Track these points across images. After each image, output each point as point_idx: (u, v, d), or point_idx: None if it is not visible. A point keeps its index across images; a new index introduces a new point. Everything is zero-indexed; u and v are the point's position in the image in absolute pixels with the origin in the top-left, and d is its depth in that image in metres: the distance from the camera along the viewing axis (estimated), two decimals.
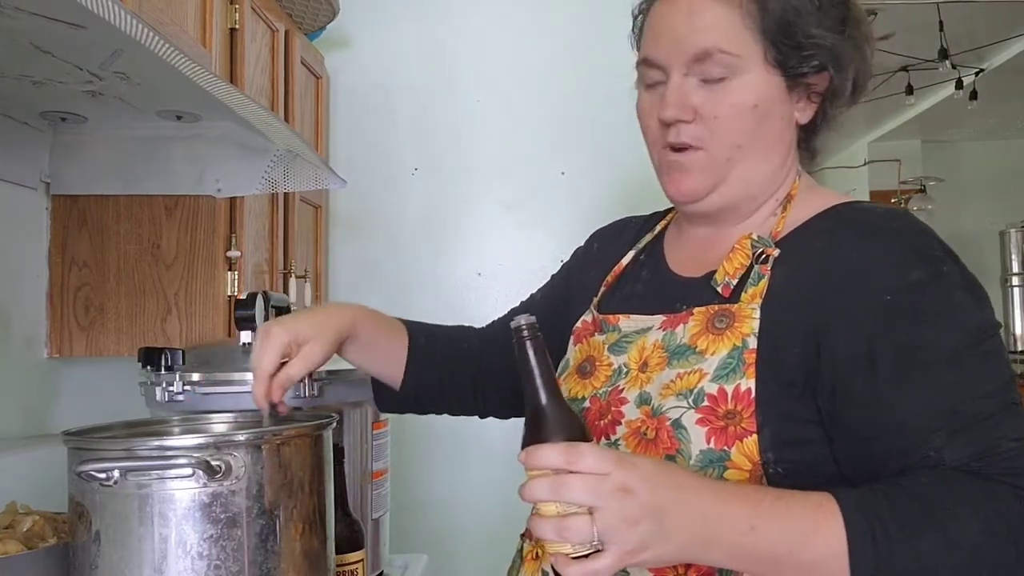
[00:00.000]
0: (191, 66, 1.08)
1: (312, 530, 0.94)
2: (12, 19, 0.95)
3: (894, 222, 0.82)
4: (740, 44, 0.83)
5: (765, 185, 0.89)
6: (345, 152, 2.37)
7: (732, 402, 0.78)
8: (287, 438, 0.92)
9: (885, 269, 0.78)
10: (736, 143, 0.85)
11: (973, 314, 0.77)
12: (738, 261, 0.85)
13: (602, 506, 0.66)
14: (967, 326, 0.76)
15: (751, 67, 0.84)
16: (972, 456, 0.72)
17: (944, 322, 0.76)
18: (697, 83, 0.85)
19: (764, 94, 0.84)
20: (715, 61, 0.83)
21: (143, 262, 1.55)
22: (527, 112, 2.36)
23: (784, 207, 0.89)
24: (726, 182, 0.87)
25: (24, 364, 1.48)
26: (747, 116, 0.85)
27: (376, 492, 1.35)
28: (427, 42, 2.39)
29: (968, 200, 6.31)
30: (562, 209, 2.36)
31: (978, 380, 0.75)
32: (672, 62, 0.86)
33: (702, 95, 0.85)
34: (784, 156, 0.90)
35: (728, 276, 0.85)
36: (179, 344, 1.53)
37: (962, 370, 0.75)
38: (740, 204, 0.90)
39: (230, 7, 1.58)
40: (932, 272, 0.77)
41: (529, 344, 0.74)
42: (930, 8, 3.75)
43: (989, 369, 0.76)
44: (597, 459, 0.67)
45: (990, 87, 4.62)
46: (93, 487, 0.85)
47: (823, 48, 0.84)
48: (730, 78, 0.84)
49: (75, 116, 1.39)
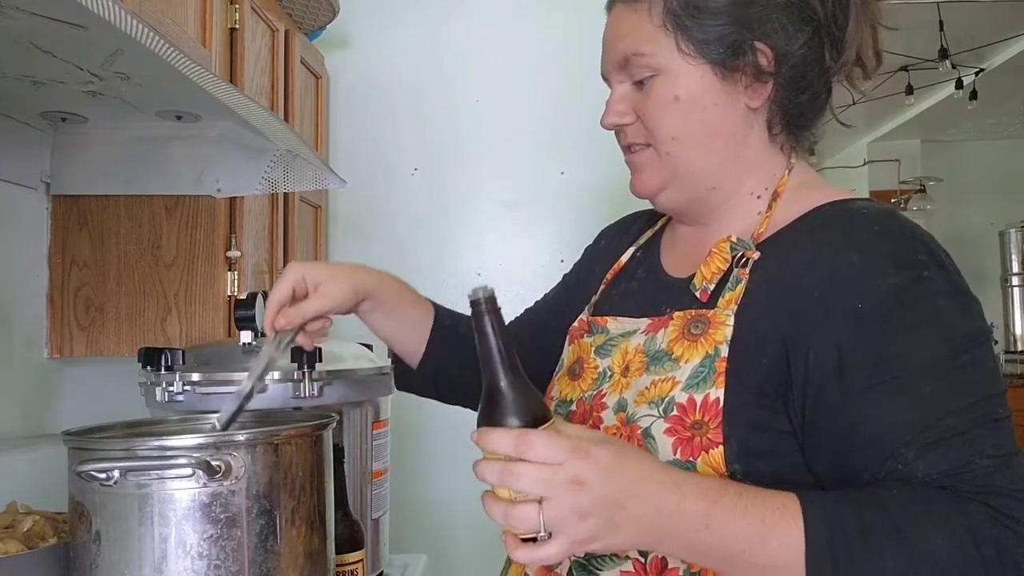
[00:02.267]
0: (191, 66, 1.08)
1: (312, 530, 0.94)
2: (12, 19, 0.95)
3: (877, 224, 0.78)
4: (652, 43, 0.85)
5: (721, 176, 0.87)
6: (345, 152, 2.37)
7: (700, 412, 0.76)
8: (287, 438, 0.92)
9: (860, 275, 0.75)
10: (670, 136, 0.86)
11: (956, 322, 0.74)
12: (715, 265, 0.84)
13: (551, 497, 0.64)
14: (948, 334, 0.73)
15: (669, 62, 0.84)
16: (945, 472, 0.69)
17: (921, 330, 0.73)
18: (631, 87, 0.88)
19: (687, 85, 0.84)
20: (635, 64, 0.86)
21: (143, 262, 1.55)
22: (527, 112, 2.36)
23: (770, 205, 0.87)
24: (676, 176, 0.88)
25: (24, 364, 1.48)
26: (671, 109, 0.85)
27: (376, 492, 1.35)
28: (427, 42, 2.39)
29: (968, 200, 6.31)
30: (562, 209, 2.36)
31: (955, 392, 0.71)
32: (607, 72, 0.91)
33: (635, 97, 0.88)
34: (734, 144, 0.86)
35: (705, 280, 0.84)
36: (179, 344, 1.53)
37: (939, 381, 0.71)
38: (703, 196, 0.88)
39: (230, 7, 1.58)
40: (912, 277, 0.74)
41: (487, 318, 0.70)
42: (930, 8, 3.75)
43: (969, 380, 0.72)
44: (549, 448, 0.64)
45: (990, 87, 4.62)
46: (93, 487, 0.85)
47: (732, 28, 0.82)
48: (655, 76, 0.85)
49: (75, 116, 1.39)
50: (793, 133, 0.88)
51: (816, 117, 0.89)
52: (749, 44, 0.83)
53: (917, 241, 0.77)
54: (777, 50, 0.83)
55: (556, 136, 2.35)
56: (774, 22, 0.83)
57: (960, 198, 6.27)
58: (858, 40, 0.86)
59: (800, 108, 0.87)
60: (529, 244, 2.37)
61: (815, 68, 0.85)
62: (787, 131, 0.88)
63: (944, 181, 5.95)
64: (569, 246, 2.36)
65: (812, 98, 0.87)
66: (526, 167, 2.36)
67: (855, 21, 0.85)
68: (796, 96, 0.85)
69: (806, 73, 0.85)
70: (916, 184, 5.91)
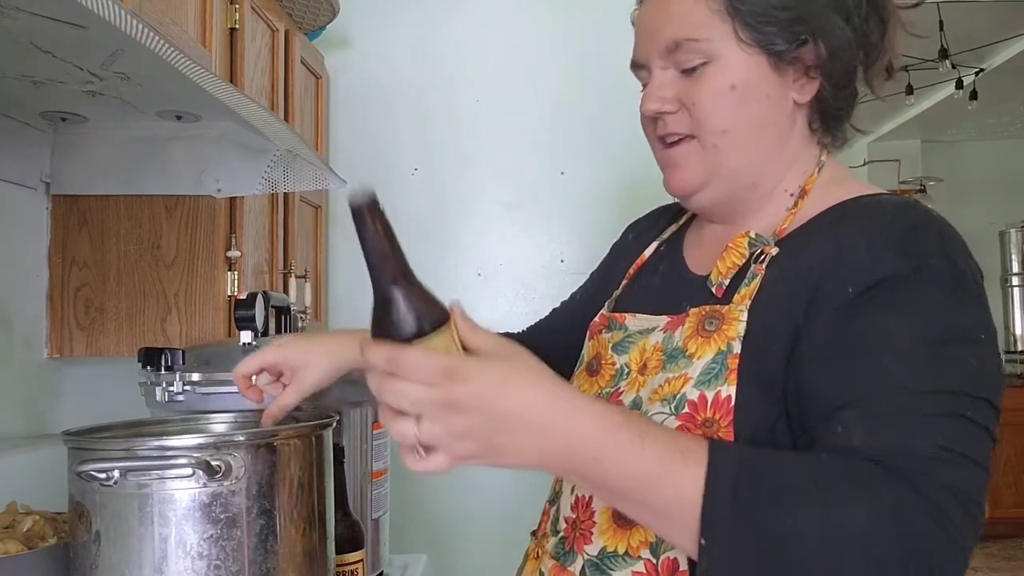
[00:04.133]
0: (191, 66, 1.08)
1: (312, 530, 0.94)
2: (12, 19, 0.95)
3: (891, 215, 0.77)
4: (708, 28, 0.82)
5: (763, 172, 0.86)
6: (345, 152, 2.37)
7: (711, 410, 0.75)
8: (287, 438, 0.92)
9: (859, 262, 0.73)
10: (720, 128, 0.83)
11: (947, 314, 0.70)
12: (731, 260, 0.83)
13: (425, 417, 0.61)
14: (933, 323, 0.69)
15: (724, 49, 0.82)
16: (884, 446, 0.65)
17: (904, 314, 0.70)
18: (676, 74, 0.85)
19: (742, 74, 0.82)
20: (686, 49, 0.83)
21: (143, 262, 1.55)
22: (526, 112, 2.36)
23: (796, 202, 0.85)
24: (719, 172, 0.85)
25: (24, 364, 1.48)
26: (726, 98, 0.82)
27: (376, 492, 1.35)
28: (427, 42, 2.39)
29: (968, 200, 6.30)
30: (562, 209, 2.36)
31: (921, 376, 0.67)
32: (649, 58, 0.86)
33: (682, 84, 0.84)
34: (779, 139, 0.85)
35: (721, 276, 0.83)
36: (179, 344, 1.53)
37: (905, 362, 0.68)
38: (741, 195, 0.87)
39: (230, 7, 1.58)
40: (913, 267, 0.71)
41: (369, 222, 0.65)
42: (930, 8, 3.75)
43: (943, 371, 0.67)
44: (419, 371, 0.60)
45: (990, 87, 4.62)
46: (93, 487, 0.85)
47: (794, 18, 0.81)
48: (707, 63, 0.83)
49: (75, 116, 1.39)
50: (829, 130, 0.88)
51: (849, 115, 0.89)
52: (806, 38, 0.82)
53: (930, 233, 0.75)
54: (830, 46, 0.82)
55: (556, 136, 2.35)
56: (829, 18, 0.82)
57: (960, 198, 6.27)
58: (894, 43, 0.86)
59: (840, 105, 0.86)
60: (529, 244, 2.37)
61: (856, 67, 0.85)
62: (824, 128, 0.88)
63: (944, 181, 5.95)
64: (569, 246, 2.36)
65: (851, 96, 0.87)
66: (526, 167, 2.36)
67: (893, 23, 0.85)
68: (838, 93, 0.85)
69: (850, 71, 0.85)
70: (916, 184, 5.91)
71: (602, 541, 0.80)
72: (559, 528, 0.87)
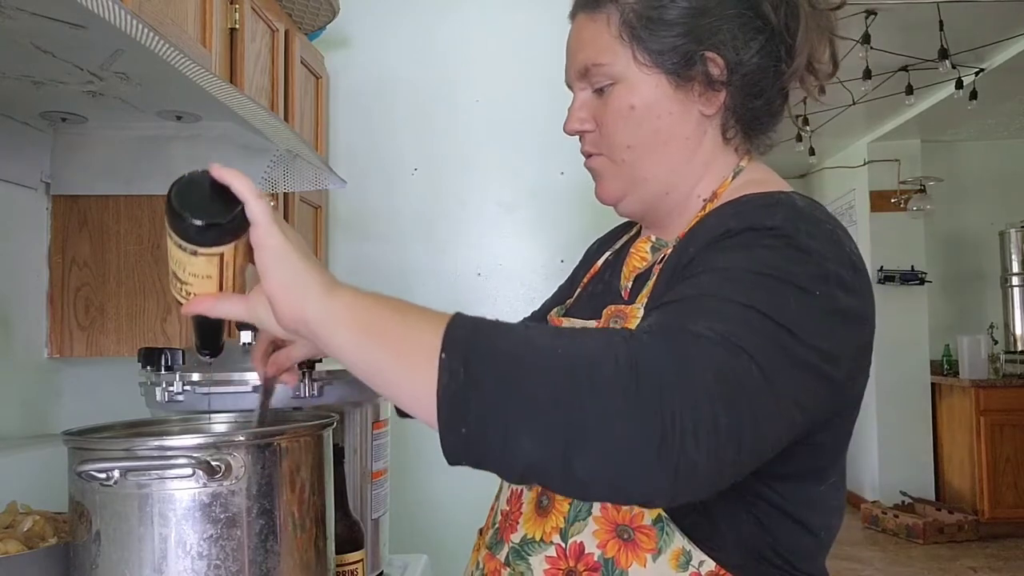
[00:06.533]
0: (191, 66, 1.08)
1: (312, 530, 0.94)
2: (12, 19, 0.95)
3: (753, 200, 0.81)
4: (610, 53, 0.88)
5: (673, 182, 0.89)
6: (345, 152, 2.37)
7: None
8: (287, 438, 0.92)
9: (707, 231, 0.78)
10: (624, 144, 0.89)
11: (775, 259, 0.71)
12: (632, 264, 0.91)
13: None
14: (760, 260, 0.71)
15: (626, 71, 0.87)
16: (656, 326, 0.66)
17: (734, 253, 0.73)
18: (591, 95, 0.91)
19: (643, 94, 0.87)
20: (594, 73, 0.89)
21: (143, 262, 1.55)
22: (527, 112, 2.36)
23: (706, 206, 0.89)
24: (634, 182, 0.90)
25: (24, 364, 1.48)
26: (627, 118, 0.88)
27: (376, 492, 1.35)
28: (427, 42, 2.39)
29: (968, 200, 6.31)
30: (562, 209, 2.36)
31: (734, 290, 0.68)
32: (570, 80, 0.94)
33: (595, 104, 0.91)
34: (687, 150, 0.88)
35: (625, 279, 0.90)
36: (179, 344, 1.53)
37: (723, 278, 0.70)
38: (657, 203, 0.91)
39: (230, 7, 1.58)
40: (747, 226, 0.75)
41: None
42: (930, 8, 3.75)
43: (758, 295, 0.68)
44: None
45: (990, 87, 4.61)
46: (93, 487, 0.85)
47: (686, 40, 0.85)
48: (613, 84, 0.88)
49: (75, 116, 1.39)
50: (748, 136, 0.91)
51: (772, 121, 0.92)
52: (701, 55, 0.85)
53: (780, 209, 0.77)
54: (728, 60, 0.86)
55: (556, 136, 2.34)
56: (725, 33, 0.85)
57: (960, 198, 6.28)
58: (808, 48, 0.88)
59: (754, 113, 0.89)
60: (529, 244, 2.37)
61: (769, 75, 0.87)
62: (742, 135, 0.91)
63: (944, 181, 5.94)
64: (569, 246, 2.36)
65: (766, 103, 0.89)
66: (526, 167, 2.36)
67: (805, 29, 0.87)
68: (750, 102, 0.88)
69: (759, 80, 0.87)
70: (916, 184, 5.91)
71: (524, 529, 0.86)
72: (495, 521, 0.92)
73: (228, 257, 0.71)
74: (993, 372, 5.63)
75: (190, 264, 0.71)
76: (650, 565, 0.77)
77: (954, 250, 6.30)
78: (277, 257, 0.70)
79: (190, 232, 0.69)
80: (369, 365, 0.68)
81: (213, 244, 0.70)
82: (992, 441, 5.36)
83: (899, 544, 5.24)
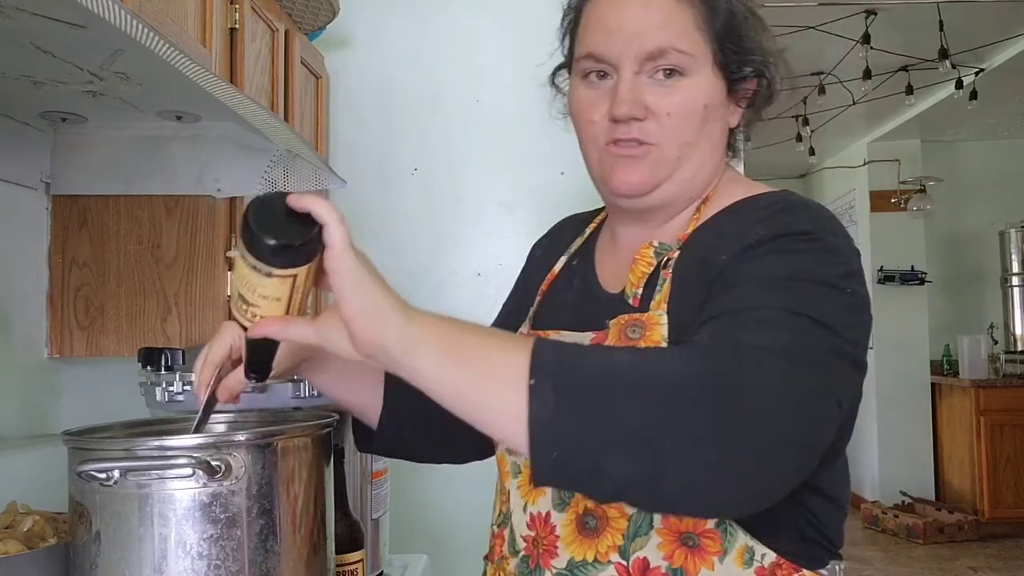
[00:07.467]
0: (191, 66, 1.08)
1: (312, 530, 0.94)
2: (12, 19, 0.95)
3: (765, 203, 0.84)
4: (693, 43, 0.85)
5: (701, 185, 0.91)
6: (345, 152, 2.37)
7: None
8: (287, 438, 0.92)
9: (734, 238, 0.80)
10: (686, 141, 0.86)
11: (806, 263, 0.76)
12: (640, 270, 0.87)
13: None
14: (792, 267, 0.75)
15: (701, 67, 0.85)
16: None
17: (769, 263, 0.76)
18: (648, 80, 0.85)
19: (711, 95, 0.87)
20: (669, 59, 0.84)
21: (143, 262, 1.55)
22: (526, 112, 2.35)
23: (699, 208, 0.90)
24: (671, 179, 0.88)
25: (24, 364, 1.48)
26: (697, 115, 0.86)
27: (376, 492, 1.35)
28: (427, 42, 2.39)
29: (968, 200, 6.30)
30: (562, 209, 2.35)
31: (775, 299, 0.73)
32: (624, 59, 0.85)
33: (654, 92, 0.85)
34: (721, 157, 0.92)
35: (634, 287, 0.87)
36: (179, 344, 1.53)
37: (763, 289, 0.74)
38: (675, 202, 0.91)
39: (230, 7, 1.57)
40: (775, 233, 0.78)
41: None
42: (930, 8, 3.75)
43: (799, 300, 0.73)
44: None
45: (990, 87, 4.61)
46: (93, 487, 0.85)
47: (760, 54, 0.88)
48: (682, 76, 0.85)
49: (75, 116, 1.39)
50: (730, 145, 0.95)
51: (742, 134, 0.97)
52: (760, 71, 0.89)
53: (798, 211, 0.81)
54: (766, 80, 0.90)
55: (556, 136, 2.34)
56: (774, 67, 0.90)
57: (960, 198, 6.27)
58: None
59: (750, 128, 0.95)
60: (529, 244, 2.36)
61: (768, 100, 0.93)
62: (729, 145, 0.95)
63: (944, 181, 5.94)
64: None
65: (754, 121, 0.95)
66: (526, 167, 2.36)
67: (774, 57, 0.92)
68: (755, 118, 0.94)
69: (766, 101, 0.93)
70: (916, 184, 5.91)
71: (569, 552, 0.82)
72: (518, 548, 0.88)
73: (300, 280, 0.70)
74: (993, 372, 5.63)
75: (261, 286, 0.69)
76: (718, 568, 0.78)
77: (954, 250, 6.30)
78: (354, 282, 0.68)
79: (267, 253, 0.67)
80: (452, 390, 0.68)
81: (288, 266, 0.68)
82: (992, 441, 5.36)
83: (899, 544, 5.25)
